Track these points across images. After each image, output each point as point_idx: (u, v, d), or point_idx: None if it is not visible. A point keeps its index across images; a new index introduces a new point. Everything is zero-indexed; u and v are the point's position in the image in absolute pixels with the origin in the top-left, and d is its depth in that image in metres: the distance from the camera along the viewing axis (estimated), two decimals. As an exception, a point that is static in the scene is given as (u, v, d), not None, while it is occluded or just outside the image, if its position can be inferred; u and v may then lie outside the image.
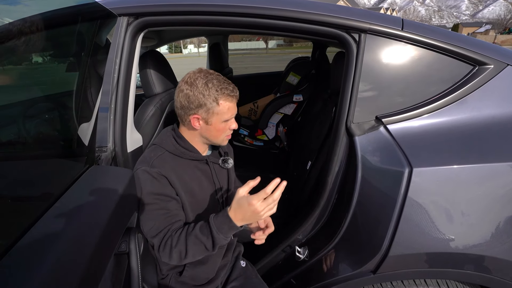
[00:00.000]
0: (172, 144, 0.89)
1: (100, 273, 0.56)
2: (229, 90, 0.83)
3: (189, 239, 0.78)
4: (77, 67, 1.00)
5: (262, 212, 0.74)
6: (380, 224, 0.83)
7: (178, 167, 0.88)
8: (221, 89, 0.81)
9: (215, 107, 0.82)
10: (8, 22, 0.77)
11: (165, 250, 0.78)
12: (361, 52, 0.85)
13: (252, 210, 0.73)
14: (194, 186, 0.90)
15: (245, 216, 0.75)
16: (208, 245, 0.77)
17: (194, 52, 42.88)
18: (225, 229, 0.76)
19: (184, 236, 0.78)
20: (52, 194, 0.64)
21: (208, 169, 0.96)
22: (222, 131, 0.87)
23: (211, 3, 0.89)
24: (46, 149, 0.90)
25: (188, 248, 0.77)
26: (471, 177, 0.79)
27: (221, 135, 0.89)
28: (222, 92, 0.81)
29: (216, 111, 0.83)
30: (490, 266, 0.82)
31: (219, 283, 1.00)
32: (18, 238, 0.51)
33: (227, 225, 0.76)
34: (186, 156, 0.90)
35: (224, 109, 0.83)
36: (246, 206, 0.73)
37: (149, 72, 1.16)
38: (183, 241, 0.77)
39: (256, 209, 0.73)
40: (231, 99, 0.84)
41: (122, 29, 0.90)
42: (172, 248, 0.77)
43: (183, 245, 0.77)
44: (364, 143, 0.87)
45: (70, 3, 0.91)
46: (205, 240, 0.77)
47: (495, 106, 0.85)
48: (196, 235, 0.77)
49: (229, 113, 0.85)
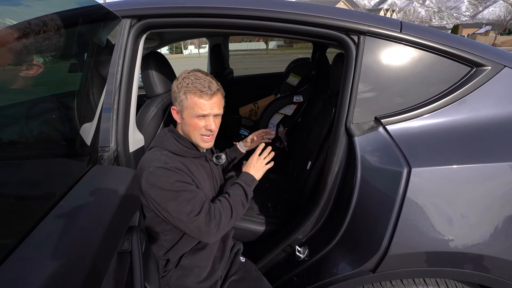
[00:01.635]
0: (174, 144, 0.91)
1: (104, 271, 0.57)
2: (199, 86, 0.86)
3: (231, 199, 0.93)
4: (79, 68, 1.01)
5: (261, 161, 1.04)
6: (379, 224, 0.84)
7: (185, 163, 0.91)
8: (192, 84, 0.87)
9: (184, 101, 0.88)
10: (10, 23, 0.78)
11: (216, 218, 0.86)
12: (360, 53, 0.86)
13: (255, 158, 1.04)
14: (201, 181, 0.95)
15: (255, 167, 1.02)
16: (244, 198, 0.95)
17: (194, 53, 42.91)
18: (249, 181, 0.99)
19: (226, 200, 0.92)
20: (56, 194, 0.65)
21: (208, 165, 1.02)
22: (194, 127, 0.90)
23: (212, 5, 0.90)
24: (49, 149, 0.91)
25: (233, 207, 0.91)
26: (469, 177, 0.79)
27: (194, 132, 0.91)
28: (191, 87, 0.87)
29: (185, 105, 0.88)
30: (488, 265, 0.83)
31: (219, 277, 1.02)
32: (24, 236, 0.51)
33: (250, 178, 1.00)
34: (189, 155, 0.93)
35: (191, 104, 0.87)
36: (250, 160, 1.04)
37: (150, 73, 1.17)
38: (227, 204, 0.91)
39: (258, 158, 1.04)
40: (199, 95, 0.87)
41: (125, 31, 0.91)
42: (222, 213, 0.88)
43: (229, 207, 0.91)
44: (364, 144, 0.88)
45: (73, 5, 0.92)
46: (241, 194, 0.95)
47: (493, 107, 0.86)
48: (233, 195, 0.94)
49: (197, 109, 0.88)
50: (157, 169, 0.84)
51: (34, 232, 0.53)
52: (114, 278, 0.64)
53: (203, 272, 0.98)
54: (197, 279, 0.96)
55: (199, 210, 0.84)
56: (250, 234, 1.34)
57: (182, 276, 0.96)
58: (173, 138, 0.93)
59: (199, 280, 0.97)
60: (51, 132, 1.01)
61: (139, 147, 1.04)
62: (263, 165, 1.04)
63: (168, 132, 0.95)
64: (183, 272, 0.96)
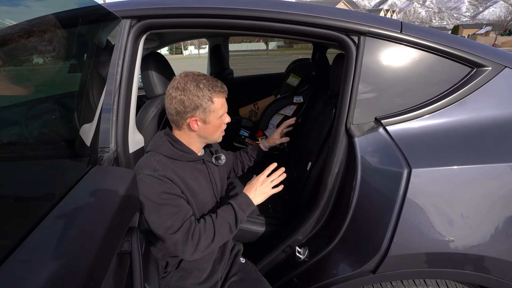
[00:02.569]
0: (169, 149, 0.89)
1: (104, 272, 0.57)
2: (219, 87, 0.87)
3: (216, 222, 0.86)
4: (79, 68, 1.01)
5: (268, 183, 0.93)
6: (379, 224, 0.84)
7: (178, 169, 0.89)
8: (213, 87, 0.85)
9: (211, 106, 0.86)
10: (9, 23, 0.78)
11: (193, 240, 0.81)
12: (361, 54, 0.86)
13: (261, 181, 0.93)
14: (195, 186, 0.92)
15: (257, 189, 0.92)
16: (232, 223, 0.87)
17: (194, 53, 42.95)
18: (245, 206, 0.90)
19: (211, 222, 0.86)
20: (55, 194, 0.65)
21: (205, 168, 0.99)
22: (219, 127, 0.92)
23: (212, 6, 0.90)
24: (49, 150, 0.91)
25: (216, 231, 0.84)
26: (470, 178, 0.79)
27: (218, 131, 0.94)
28: (214, 90, 0.86)
29: (212, 109, 0.86)
30: (489, 266, 0.82)
31: (219, 278, 1.01)
32: (23, 237, 0.51)
33: (246, 202, 0.90)
34: (184, 159, 0.91)
35: (218, 106, 0.88)
36: (255, 181, 0.94)
37: (150, 73, 1.17)
38: (211, 226, 0.85)
39: (263, 180, 0.93)
40: (222, 95, 0.89)
41: (125, 31, 0.91)
42: (201, 235, 0.82)
43: (212, 230, 0.84)
44: (364, 144, 0.88)
45: (73, 6, 0.92)
46: (230, 218, 0.87)
47: (493, 107, 0.86)
48: (222, 217, 0.87)
49: (223, 108, 0.90)
50: (145, 176, 0.82)
51: (33, 233, 0.53)
52: (114, 279, 0.63)
53: (203, 274, 0.98)
54: (197, 281, 0.96)
55: (178, 227, 0.81)
56: (250, 235, 1.34)
57: (182, 278, 0.95)
58: (168, 141, 0.91)
59: (199, 281, 0.97)
60: (50, 133, 1.01)
61: (139, 147, 1.04)
62: (268, 188, 0.93)
63: (163, 135, 0.93)
64: (183, 274, 0.96)
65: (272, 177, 0.95)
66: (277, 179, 0.96)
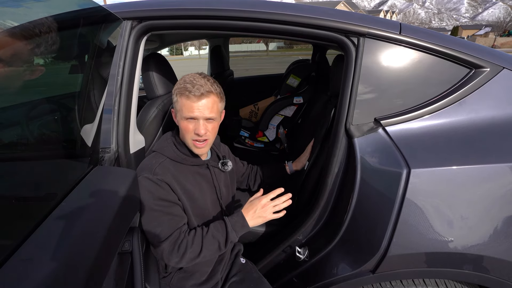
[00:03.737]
0: (172, 151, 0.90)
1: (105, 272, 0.58)
2: (188, 88, 0.83)
3: (205, 237, 0.83)
4: (80, 69, 1.02)
5: (269, 208, 0.87)
6: (379, 225, 0.84)
7: (179, 173, 0.89)
8: (182, 86, 0.85)
9: (176, 102, 0.88)
10: (10, 25, 0.79)
11: (179, 251, 0.80)
12: (360, 55, 0.86)
13: (262, 204, 0.87)
14: (195, 192, 0.92)
15: (256, 212, 0.87)
16: (222, 242, 0.85)
17: (195, 54, 42.99)
18: (239, 227, 0.86)
19: (200, 236, 0.83)
20: (57, 195, 0.65)
21: (208, 174, 0.98)
22: (185, 130, 0.88)
23: (212, 7, 0.91)
24: (51, 150, 0.92)
25: (203, 247, 0.82)
26: (469, 178, 0.80)
27: (187, 136, 0.88)
28: (180, 89, 0.85)
29: (177, 106, 0.88)
30: (488, 266, 0.83)
31: (219, 279, 1.02)
32: (25, 237, 0.52)
33: (240, 224, 0.86)
34: (187, 162, 0.91)
35: (180, 105, 0.86)
36: (256, 202, 0.88)
37: (151, 74, 1.17)
38: (199, 241, 0.82)
39: (265, 204, 0.87)
40: (186, 97, 0.84)
41: (126, 33, 0.92)
42: (187, 248, 0.81)
43: (199, 245, 0.82)
44: (363, 145, 0.89)
45: (74, 7, 0.92)
46: (220, 237, 0.84)
47: (492, 108, 0.86)
48: (212, 234, 0.85)
49: (185, 110, 0.85)
50: (144, 179, 0.84)
51: (35, 233, 0.53)
52: (115, 278, 0.64)
53: (203, 275, 0.98)
54: (197, 281, 0.97)
55: (167, 237, 0.81)
56: (250, 235, 1.34)
57: (183, 278, 0.96)
58: (173, 144, 0.92)
59: (199, 282, 0.97)
60: (52, 133, 1.02)
61: (140, 148, 1.04)
62: (268, 213, 0.87)
63: (170, 136, 0.94)
64: (184, 275, 0.96)
65: (276, 201, 0.88)
66: (281, 205, 0.89)
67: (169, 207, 0.85)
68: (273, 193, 0.89)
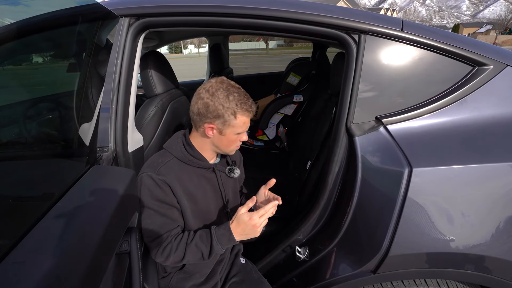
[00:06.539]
0: (180, 151, 0.89)
1: (102, 272, 0.57)
2: (248, 105, 0.84)
3: (189, 247, 0.84)
4: (78, 67, 1.01)
5: (259, 228, 0.83)
6: (380, 224, 0.83)
7: (184, 174, 0.89)
8: (241, 104, 0.82)
9: (232, 120, 0.83)
10: (9, 22, 0.78)
11: (163, 254, 0.83)
12: (361, 52, 0.85)
13: (252, 224, 0.81)
14: (198, 194, 0.91)
15: (245, 231, 0.83)
16: (205, 253, 0.84)
17: (194, 52, 42.93)
18: (224, 241, 0.84)
19: (184, 244, 0.84)
20: (54, 194, 0.64)
21: (214, 177, 0.97)
22: (233, 142, 0.89)
23: (211, 4, 0.90)
24: (48, 149, 0.91)
25: (186, 255, 0.83)
26: (471, 177, 0.79)
27: (232, 146, 0.91)
28: (241, 107, 0.82)
29: (233, 124, 0.84)
30: (490, 266, 0.82)
31: (219, 279, 1.01)
32: (21, 237, 0.51)
33: (226, 238, 0.84)
34: (193, 164, 0.91)
35: (240, 123, 0.84)
36: (247, 220, 0.82)
37: (150, 72, 1.16)
38: (182, 248, 0.84)
39: (256, 224, 0.82)
40: (248, 114, 0.85)
41: (123, 30, 0.91)
42: (171, 254, 0.83)
43: (182, 252, 0.83)
44: (364, 144, 0.88)
45: (72, 4, 0.91)
46: (203, 248, 0.84)
47: (494, 106, 0.85)
48: (196, 243, 0.84)
49: (244, 127, 0.87)
50: (146, 176, 0.84)
51: (31, 233, 0.53)
52: (113, 280, 0.63)
53: (203, 276, 0.98)
54: (196, 282, 0.96)
55: (155, 238, 0.83)
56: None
57: (183, 279, 0.95)
58: (182, 143, 0.91)
59: (199, 282, 0.96)
60: (49, 132, 1.01)
61: (138, 147, 1.03)
62: (256, 232, 0.84)
63: (180, 135, 0.93)
64: (184, 276, 0.95)
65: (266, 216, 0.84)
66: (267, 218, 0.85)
67: (165, 209, 0.85)
68: (264, 209, 0.84)
